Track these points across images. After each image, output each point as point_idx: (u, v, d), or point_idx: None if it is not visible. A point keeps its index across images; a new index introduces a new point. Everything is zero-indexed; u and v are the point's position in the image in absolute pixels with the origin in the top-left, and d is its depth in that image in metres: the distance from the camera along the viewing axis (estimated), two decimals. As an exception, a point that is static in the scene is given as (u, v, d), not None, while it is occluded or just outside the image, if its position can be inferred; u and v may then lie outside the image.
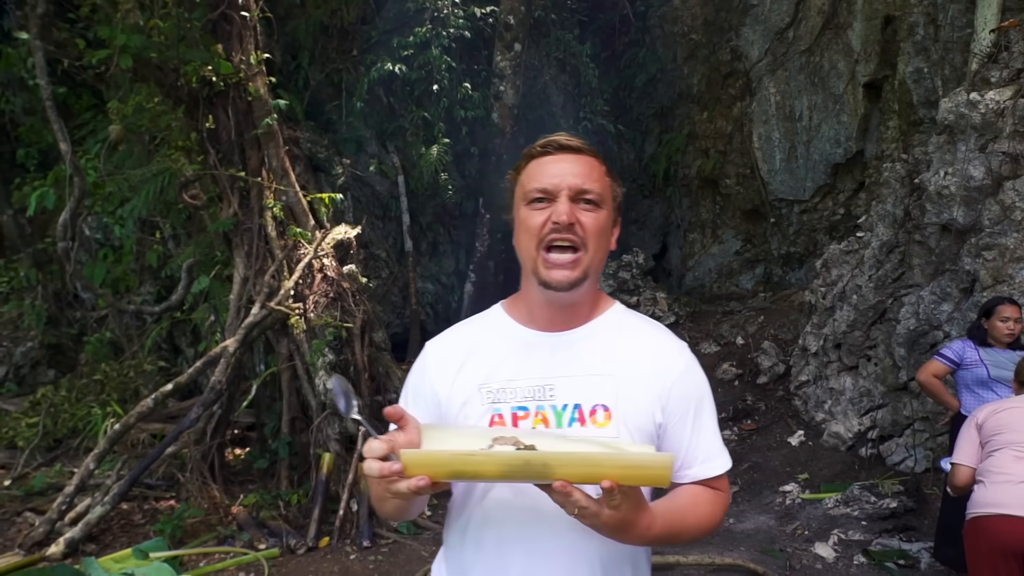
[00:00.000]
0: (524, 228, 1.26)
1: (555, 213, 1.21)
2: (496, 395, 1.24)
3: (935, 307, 5.06)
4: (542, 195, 1.23)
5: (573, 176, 1.23)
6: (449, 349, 1.35)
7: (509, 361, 1.27)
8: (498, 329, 1.34)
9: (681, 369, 1.28)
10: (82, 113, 6.95)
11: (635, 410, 1.22)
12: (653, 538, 1.12)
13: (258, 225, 5.22)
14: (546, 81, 8.45)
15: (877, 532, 4.50)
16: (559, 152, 1.26)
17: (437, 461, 1.01)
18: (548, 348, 1.28)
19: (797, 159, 7.98)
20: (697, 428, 1.26)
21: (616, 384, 1.23)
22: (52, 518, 4.36)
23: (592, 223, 1.23)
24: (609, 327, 1.31)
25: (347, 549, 4.40)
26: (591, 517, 1.00)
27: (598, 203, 1.24)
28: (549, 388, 1.23)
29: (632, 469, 1.00)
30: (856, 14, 7.35)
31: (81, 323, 7.19)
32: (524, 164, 1.29)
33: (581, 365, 1.25)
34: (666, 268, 9.60)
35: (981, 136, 4.81)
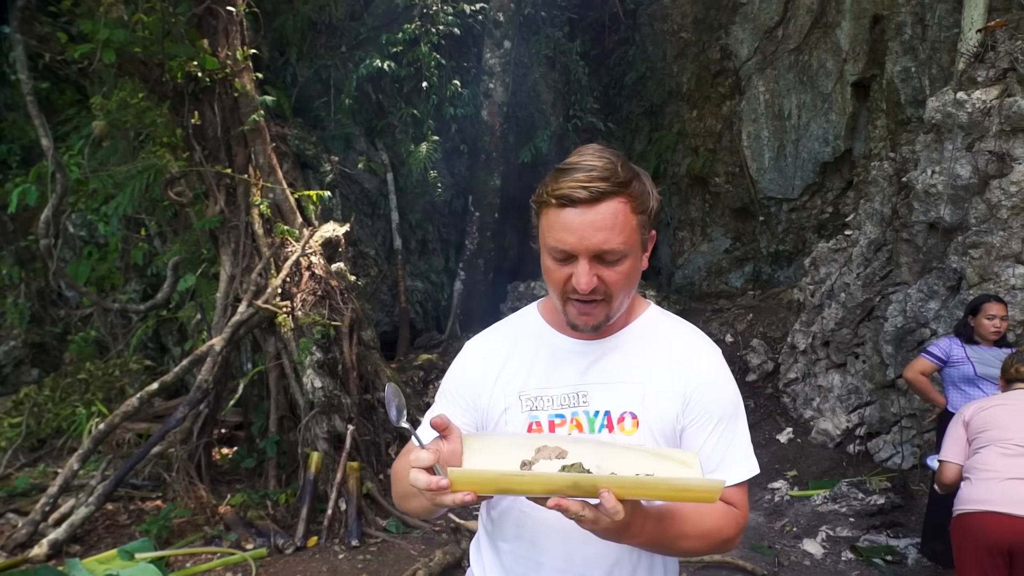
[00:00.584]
0: (548, 277, 1.23)
1: (576, 279, 1.17)
2: (534, 403, 1.26)
3: (922, 305, 5.09)
4: (561, 256, 1.18)
5: (594, 233, 1.14)
6: (490, 352, 1.35)
7: (546, 367, 1.29)
8: (534, 333, 1.34)
9: (706, 373, 1.27)
10: (65, 109, 6.86)
11: (660, 416, 1.23)
12: (647, 539, 1.11)
13: (245, 223, 5.17)
14: (536, 79, 8.43)
15: (865, 528, 4.52)
16: (578, 205, 1.15)
17: (484, 480, 1.01)
18: (583, 355, 1.28)
19: (786, 157, 8.01)
20: (716, 435, 1.24)
21: (644, 391, 1.24)
22: (35, 519, 4.30)
23: (616, 278, 1.19)
24: (642, 332, 1.31)
25: (336, 548, 4.37)
26: (591, 524, 1.01)
27: (623, 256, 1.18)
28: (583, 395, 1.25)
29: (681, 491, 1.02)
30: (844, 13, 7.38)
31: (65, 321, 7.11)
32: (543, 206, 1.19)
33: (614, 372, 1.26)
34: (655, 266, 9.61)
35: (968, 135, 4.84)
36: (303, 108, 7.01)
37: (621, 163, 1.17)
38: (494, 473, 1.01)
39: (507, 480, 1.00)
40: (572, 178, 1.14)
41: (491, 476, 1.01)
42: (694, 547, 1.22)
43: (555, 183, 1.16)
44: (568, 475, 0.99)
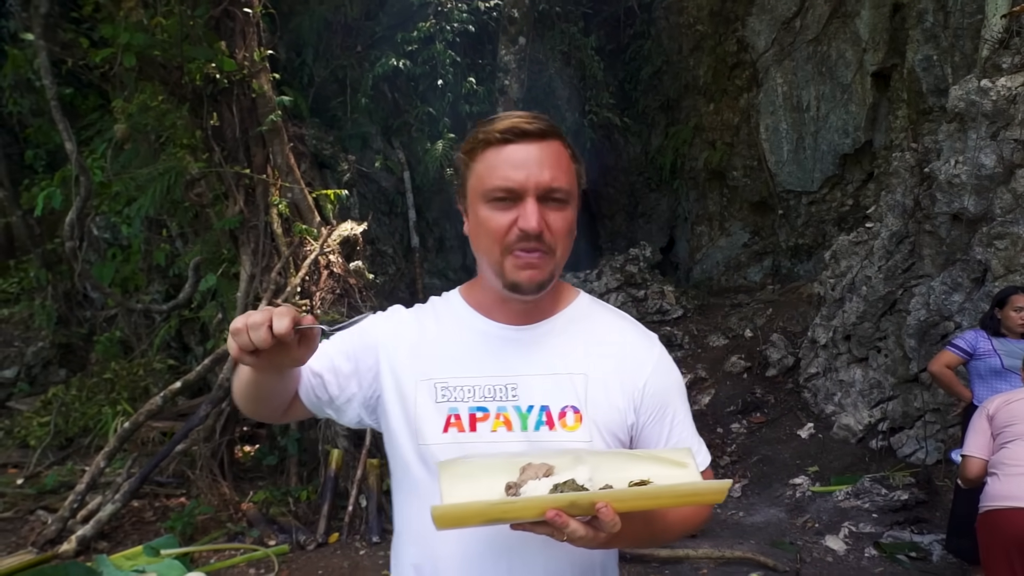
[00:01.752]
0: (484, 229, 1.10)
1: (523, 219, 1.06)
2: (451, 392, 1.13)
3: (946, 297, 5.01)
4: (505, 195, 1.07)
5: (541, 170, 1.06)
6: (406, 324, 1.22)
7: (467, 353, 1.16)
8: (455, 316, 1.21)
9: (653, 365, 1.18)
10: (89, 113, 6.97)
11: (606, 411, 1.13)
12: (632, 540, 1.07)
13: (264, 222, 5.22)
14: (551, 75, 8.41)
15: (888, 524, 4.47)
16: (523, 140, 1.07)
17: (472, 512, 0.91)
18: (509, 343, 1.16)
19: (805, 150, 7.92)
20: (674, 425, 1.18)
21: (586, 383, 1.13)
22: (64, 516, 4.39)
23: (562, 224, 1.10)
24: (575, 320, 1.20)
25: (356, 545, 4.41)
26: (587, 542, 0.94)
27: (567, 200, 1.10)
28: (512, 387, 1.12)
29: (687, 497, 0.97)
30: (864, 2, 7.27)
31: (91, 322, 7.23)
32: (480, 149, 1.10)
33: (546, 363, 1.14)
34: (673, 261, 9.55)
35: (992, 124, 4.75)
36: (320, 108, 7.06)
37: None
38: (483, 504, 0.91)
39: (499, 509, 0.91)
40: (513, 116, 1.09)
41: (480, 508, 0.91)
42: (675, 535, 1.17)
43: (493, 124, 1.09)
44: (564, 495, 0.92)
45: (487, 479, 0.97)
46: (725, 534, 4.43)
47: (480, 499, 0.93)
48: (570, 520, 0.91)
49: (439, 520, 0.91)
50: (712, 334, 7.39)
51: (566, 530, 0.91)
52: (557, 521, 0.91)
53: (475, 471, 0.99)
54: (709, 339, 7.32)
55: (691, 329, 7.49)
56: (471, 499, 0.93)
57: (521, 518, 0.93)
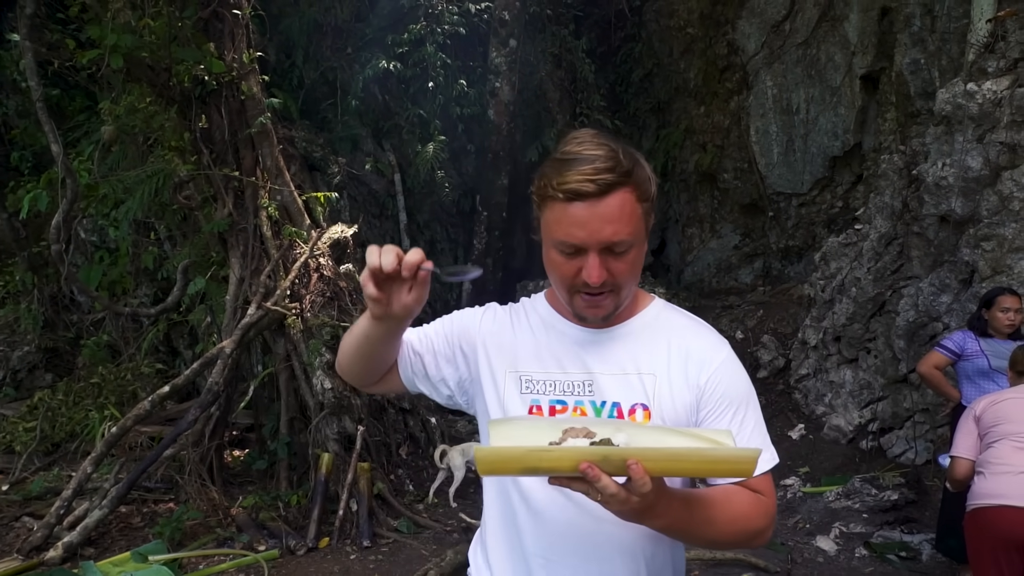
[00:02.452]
0: (555, 272, 1.20)
1: (586, 272, 1.15)
2: (534, 385, 1.24)
3: (934, 299, 5.05)
4: (570, 249, 1.15)
5: (603, 227, 1.12)
6: (504, 321, 1.35)
7: (550, 352, 1.27)
8: (541, 318, 1.33)
9: (718, 364, 1.24)
10: (75, 115, 6.91)
11: (673, 408, 1.20)
12: (672, 521, 1.07)
13: (253, 225, 5.19)
14: (542, 77, 8.41)
15: (878, 524, 4.49)
16: (586, 199, 1.12)
17: (510, 457, 0.97)
18: (589, 344, 1.26)
19: (795, 152, 7.96)
20: (737, 423, 1.21)
21: (655, 383, 1.21)
22: (50, 522, 4.33)
23: (624, 268, 1.18)
24: (649, 323, 1.29)
25: (347, 549, 4.38)
26: (619, 504, 0.97)
27: (631, 245, 1.16)
28: (588, 384, 1.23)
29: (716, 463, 0.99)
30: (852, 6, 7.32)
31: (78, 326, 7.16)
32: (548, 200, 1.16)
33: (620, 363, 1.24)
34: (665, 263, 9.58)
35: (979, 127, 4.79)
36: (310, 110, 7.03)
37: (622, 150, 1.14)
38: (520, 449, 0.97)
39: (534, 456, 0.96)
40: (577, 171, 1.11)
41: (517, 453, 0.97)
42: (722, 535, 1.16)
43: (559, 176, 1.13)
44: (597, 448, 0.96)
45: (530, 436, 1.04)
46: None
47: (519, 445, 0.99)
48: (602, 474, 0.94)
49: (481, 462, 0.97)
50: (703, 336, 7.40)
51: (598, 484, 0.95)
52: (590, 473, 0.94)
53: (520, 429, 1.07)
54: (700, 341, 7.33)
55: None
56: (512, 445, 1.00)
57: (556, 470, 0.97)
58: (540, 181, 1.18)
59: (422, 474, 5.44)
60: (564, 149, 1.15)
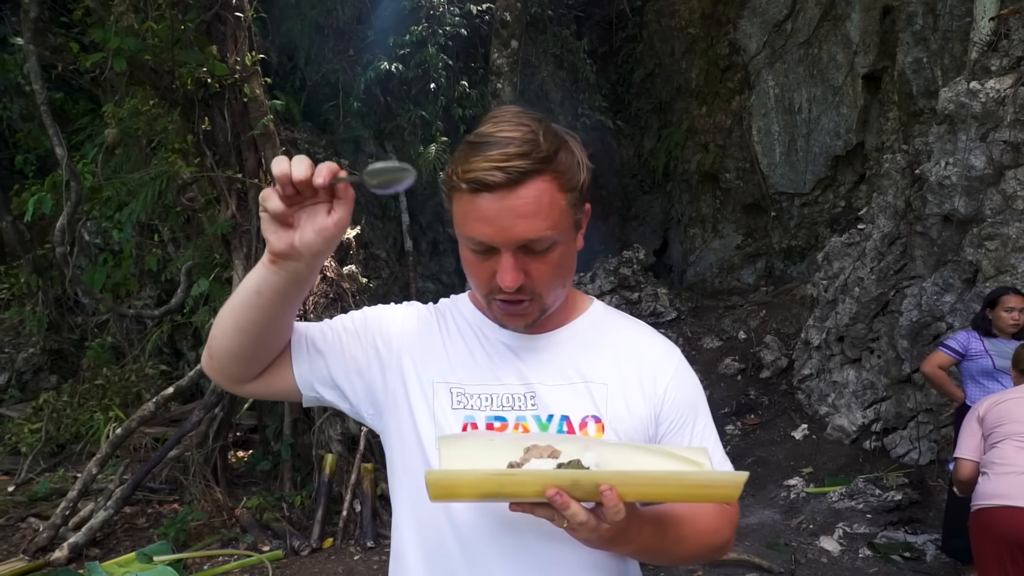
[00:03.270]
0: (468, 272, 1.06)
1: (499, 275, 0.99)
2: (467, 400, 1.08)
3: (937, 298, 5.04)
4: (480, 247, 1.00)
5: (515, 222, 0.96)
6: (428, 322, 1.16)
7: (481, 360, 1.11)
8: (468, 321, 1.15)
9: (673, 372, 1.13)
10: (79, 118, 6.95)
11: (628, 420, 1.08)
12: (641, 546, 0.98)
13: (256, 227, 5.20)
14: (544, 78, 8.42)
15: (882, 525, 4.48)
16: (493, 191, 0.96)
17: (468, 481, 0.86)
18: (525, 351, 1.11)
19: (797, 152, 7.95)
20: (695, 436, 1.12)
21: (606, 392, 1.08)
22: (56, 523, 4.35)
23: (546, 270, 1.02)
24: (591, 327, 1.16)
25: (351, 550, 4.39)
26: (588, 531, 0.87)
27: (552, 243, 1.01)
28: (530, 396, 1.07)
29: (700, 488, 0.89)
30: (854, 5, 7.31)
31: (82, 328, 7.19)
32: (455, 190, 1.00)
33: (563, 371, 1.10)
34: (667, 264, 9.57)
35: (982, 125, 4.78)
36: (312, 112, 7.04)
37: (544, 131, 0.99)
38: (480, 473, 0.86)
39: (495, 481, 0.85)
40: (485, 156, 0.95)
41: (476, 477, 0.85)
42: (690, 553, 1.07)
43: (466, 163, 0.97)
44: (567, 472, 0.85)
45: (488, 456, 0.92)
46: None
47: (476, 468, 0.88)
48: (571, 501, 0.84)
49: (432, 487, 0.85)
50: (706, 336, 7.40)
51: (566, 512, 0.85)
52: (558, 500, 0.84)
53: (476, 448, 0.94)
54: (703, 341, 7.33)
55: (685, 331, 7.50)
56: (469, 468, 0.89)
57: (519, 495, 0.87)
58: (448, 168, 1.02)
59: (425, 475, 5.44)
60: (478, 130, 1.00)
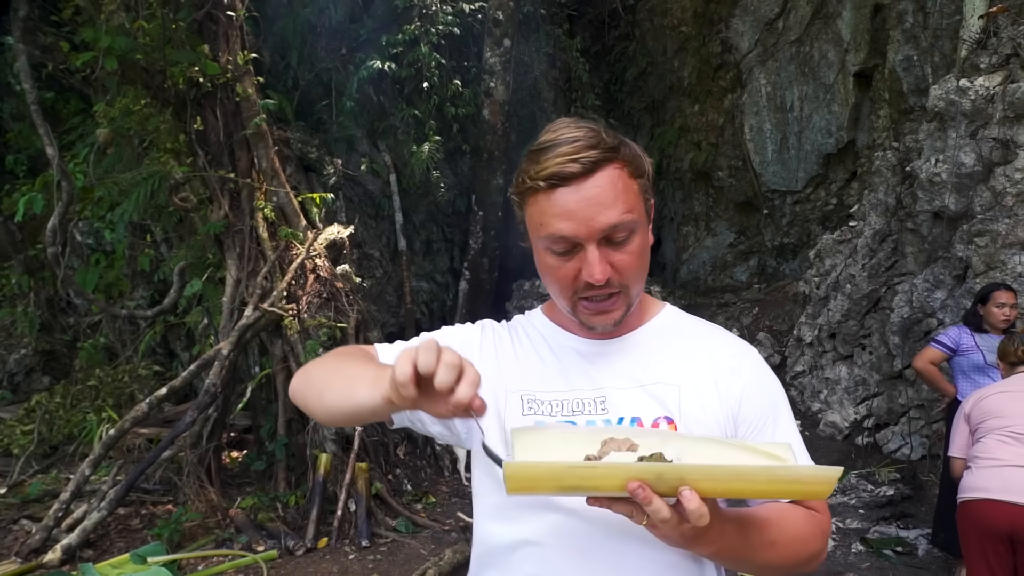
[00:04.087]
0: (551, 278, 1.04)
1: (587, 270, 0.99)
2: (539, 406, 1.07)
3: (928, 295, 5.07)
4: (563, 246, 0.99)
5: (597, 211, 0.97)
6: (499, 337, 1.17)
7: (553, 367, 1.11)
8: (540, 332, 1.16)
9: (750, 372, 1.10)
10: (70, 118, 6.91)
11: (703, 422, 1.05)
12: (723, 548, 0.93)
13: (249, 226, 5.20)
14: (536, 76, 8.42)
15: (875, 520, 4.51)
16: (569, 183, 0.97)
17: (547, 474, 0.82)
18: (597, 356, 1.10)
19: (789, 150, 7.99)
20: (777, 437, 1.07)
21: (679, 393, 1.06)
22: (49, 525, 4.33)
23: (630, 260, 1.02)
24: (664, 331, 1.14)
25: (346, 549, 4.39)
26: (669, 529, 0.83)
27: (633, 229, 1.01)
28: (600, 400, 1.06)
29: (790, 484, 0.84)
30: (845, 3, 7.35)
31: (74, 329, 7.16)
32: (528, 195, 1.02)
33: (634, 374, 1.08)
34: (660, 261, 9.60)
35: (971, 123, 4.81)
36: (305, 111, 7.03)
37: (603, 129, 1.02)
38: (559, 465, 0.82)
39: (575, 474, 0.82)
40: (556, 153, 0.97)
41: (555, 469, 0.82)
42: (777, 560, 1.00)
43: (537, 164, 0.99)
44: (650, 465, 0.81)
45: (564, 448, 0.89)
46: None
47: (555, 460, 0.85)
48: (654, 496, 0.80)
49: (510, 480, 0.82)
50: (699, 334, 7.42)
51: (648, 508, 0.81)
52: (640, 494, 0.80)
53: (551, 440, 0.91)
54: (696, 339, 7.35)
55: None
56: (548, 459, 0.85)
57: (599, 488, 0.83)
58: (518, 177, 1.04)
59: (420, 474, 5.45)
60: (541, 139, 1.03)
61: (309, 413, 1.11)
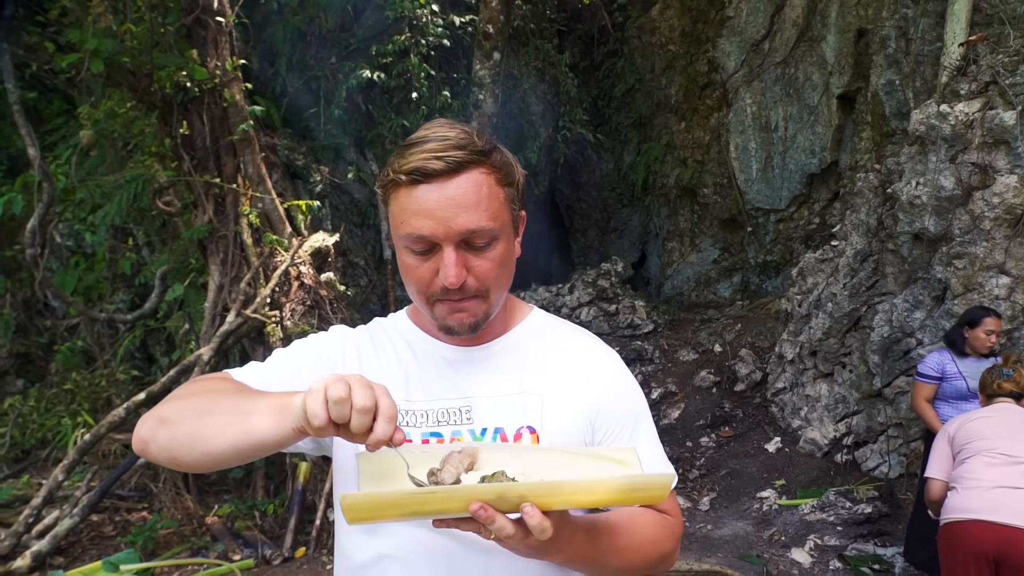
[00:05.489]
0: (408, 276, 1.02)
1: (442, 273, 0.97)
2: (403, 417, 1.04)
3: (908, 315, 5.14)
4: (420, 245, 0.98)
5: (456, 213, 0.95)
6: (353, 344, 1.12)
7: (416, 376, 1.09)
8: (402, 337, 1.13)
9: (610, 379, 1.12)
10: (53, 118, 6.85)
11: (563, 430, 1.06)
12: (575, 555, 0.94)
13: (233, 232, 5.16)
14: (525, 90, 8.48)
15: (852, 537, 4.54)
16: (432, 180, 0.95)
17: (387, 502, 0.81)
18: (462, 364, 1.10)
19: (773, 169, 8.09)
20: (636, 441, 1.09)
21: (541, 402, 1.06)
22: (19, 531, 4.25)
23: (489, 267, 1.00)
24: (530, 337, 1.14)
25: (323, 559, 4.34)
26: (516, 543, 0.84)
27: (494, 237, 0.99)
28: (466, 410, 1.05)
29: (627, 492, 0.86)
30: (830, 27, 7.48)
31: (51, 332, 7.05)
32: (391, 188, 0.99)
33: (501, 383, 1.08)
34: (645, 276, 9.65)
35: (951, 147, 4.91)
36: (293, 118, 7.02)
37: (476, 133, 1.00)
38: (399, 493, 0.82)
39: (418, 500, 0.81)
40: (423, 149, 0.96)
41: (396, 498, 0.81)
42: (630, 563, 1.03)
43: (403, 159, 0.97)
44: (491, 486, 0.82)
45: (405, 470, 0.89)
46: (693, 547, 4.46)
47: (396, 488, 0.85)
48: (496, 515, 0.81)
49: (349, 511, 0.81)
50: (682, 349, 7.46)
51: (492, 527, 0.82)
52: (482, 515, 0.80)
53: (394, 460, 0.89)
54: (679, 354, 7.39)
55: (661, 344, 7.56)
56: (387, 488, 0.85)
57: (443, 511, 0.83)
58: (384, 169, 1.01)
59: (400, 485, 5.41)
60: (414, 135, 1.01)
61: (175, 465, 0.98)
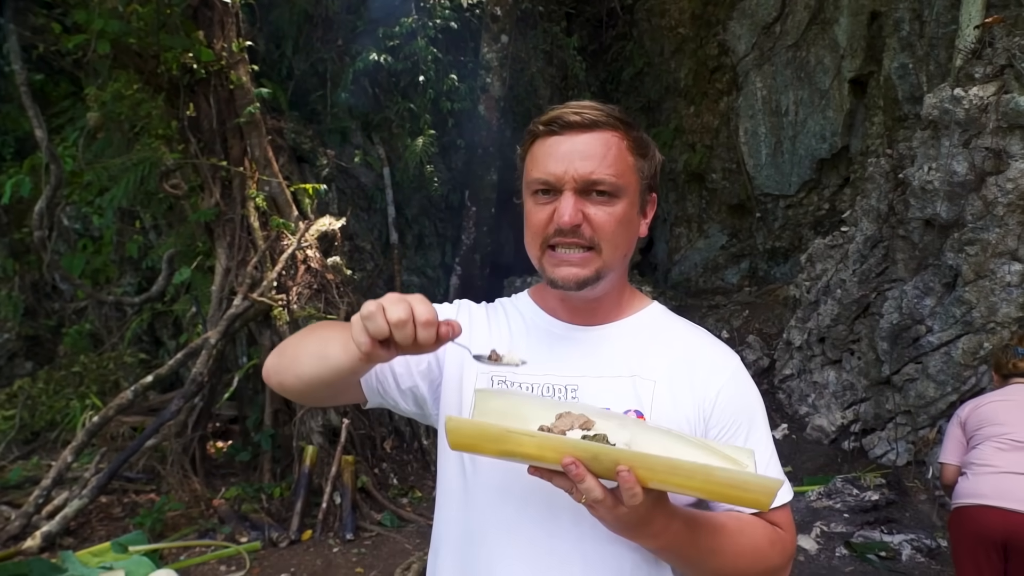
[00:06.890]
0: (527, 223, 1.07)
1: (558, 214, 1.01)
2: (508, 388, 1.07)
3: (918, 301, 5.10)
4: (544, 187, 1.03)
5: (581, 162, 1.00)
6: (476, 315, 1.17)
7: (528, 350, 1.10)
8: (520, 313, 1.17)
9: (728, 377, 1.09)
10: (60, 101, 6.83)
11: (673, 418, 1.04)
12: (669, 543, 0.93)
13: (240, 215, 5.15)
14: (533, 73, 8.40)
15: (859, 524, 4.53)
16: (568, 131, 1.02)
17: (487, 434, 0.83)
18: (575, 342, 1.11)
19: (783, 154, 8.01)
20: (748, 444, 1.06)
21: (652, 388, 1.05)
22: (28, 512, 4.28)
23: (605, 219, 1.02)
24: (646, 326, 1.13)
25: (330, 542, 4.36)
26: (605, 511, 0.85)
27: (614, 193, 1.02)
28: (572, 388, 1.06)
29: (727, 487, 0.82)
30: (842, 9, 7.36)
31: (59, 314, 7.08)
32: (529, 143, 1.07)
33: (612, 365, 1.07)
34: (652, 262, 9.61)
35: (964, 132, 4.84)
36: (299, 101, 6.98)
37: (620, 109, 1.06)
38: (499, 428, 0.83)
39: (514, 439, 0.82)
40: (565, 106, 1.03)
41: (495, 431, 0.83)
42: (730, 568, 0.99)
43: (545, 115, 1.05)
44: (587, 444, 0.82)
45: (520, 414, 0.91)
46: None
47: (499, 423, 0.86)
48: (587, 475, 0.81)
49: (452, 434, 0.84)
50: (689, 335, 7.43)
51: (582, 485, 0.82)
52: (572, 471, 0.81)
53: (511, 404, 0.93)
54: (686, 340, 7.36)
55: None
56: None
57: (537, 458, 0.84)
58: (525, 138, 1.08)
59: (406, 468, 5.43)
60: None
61: (284, 390, 1.10)
